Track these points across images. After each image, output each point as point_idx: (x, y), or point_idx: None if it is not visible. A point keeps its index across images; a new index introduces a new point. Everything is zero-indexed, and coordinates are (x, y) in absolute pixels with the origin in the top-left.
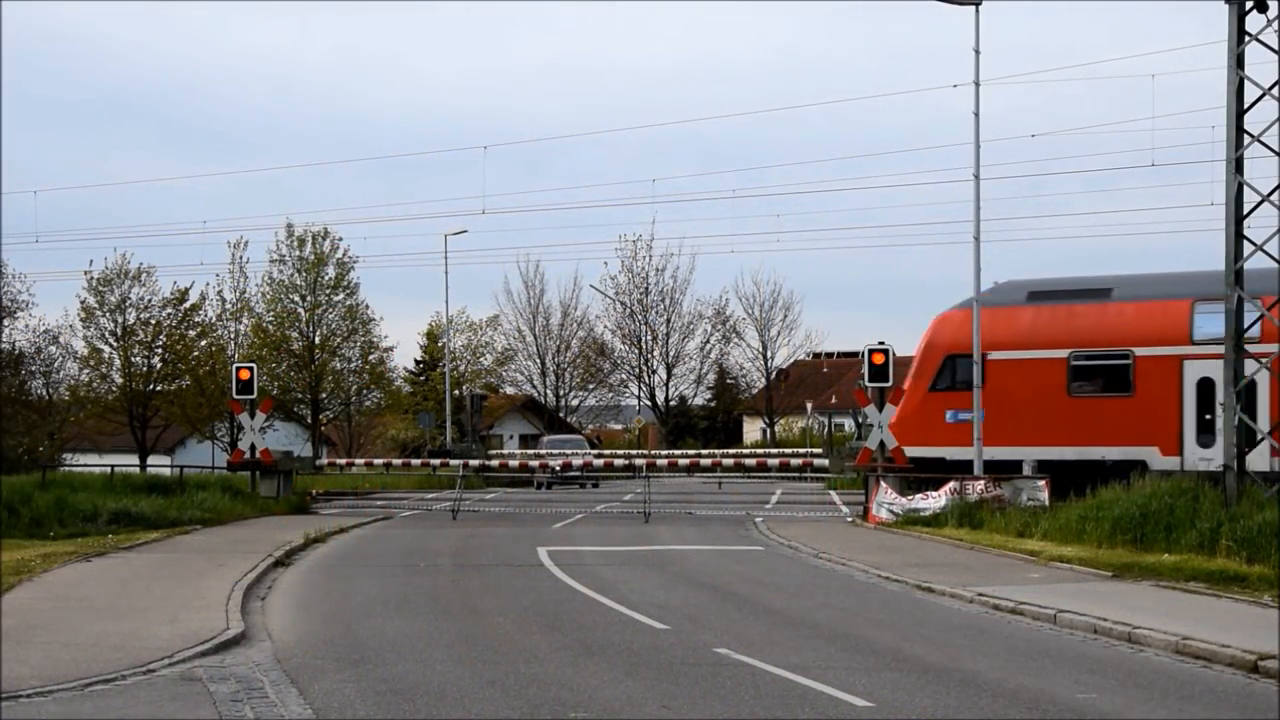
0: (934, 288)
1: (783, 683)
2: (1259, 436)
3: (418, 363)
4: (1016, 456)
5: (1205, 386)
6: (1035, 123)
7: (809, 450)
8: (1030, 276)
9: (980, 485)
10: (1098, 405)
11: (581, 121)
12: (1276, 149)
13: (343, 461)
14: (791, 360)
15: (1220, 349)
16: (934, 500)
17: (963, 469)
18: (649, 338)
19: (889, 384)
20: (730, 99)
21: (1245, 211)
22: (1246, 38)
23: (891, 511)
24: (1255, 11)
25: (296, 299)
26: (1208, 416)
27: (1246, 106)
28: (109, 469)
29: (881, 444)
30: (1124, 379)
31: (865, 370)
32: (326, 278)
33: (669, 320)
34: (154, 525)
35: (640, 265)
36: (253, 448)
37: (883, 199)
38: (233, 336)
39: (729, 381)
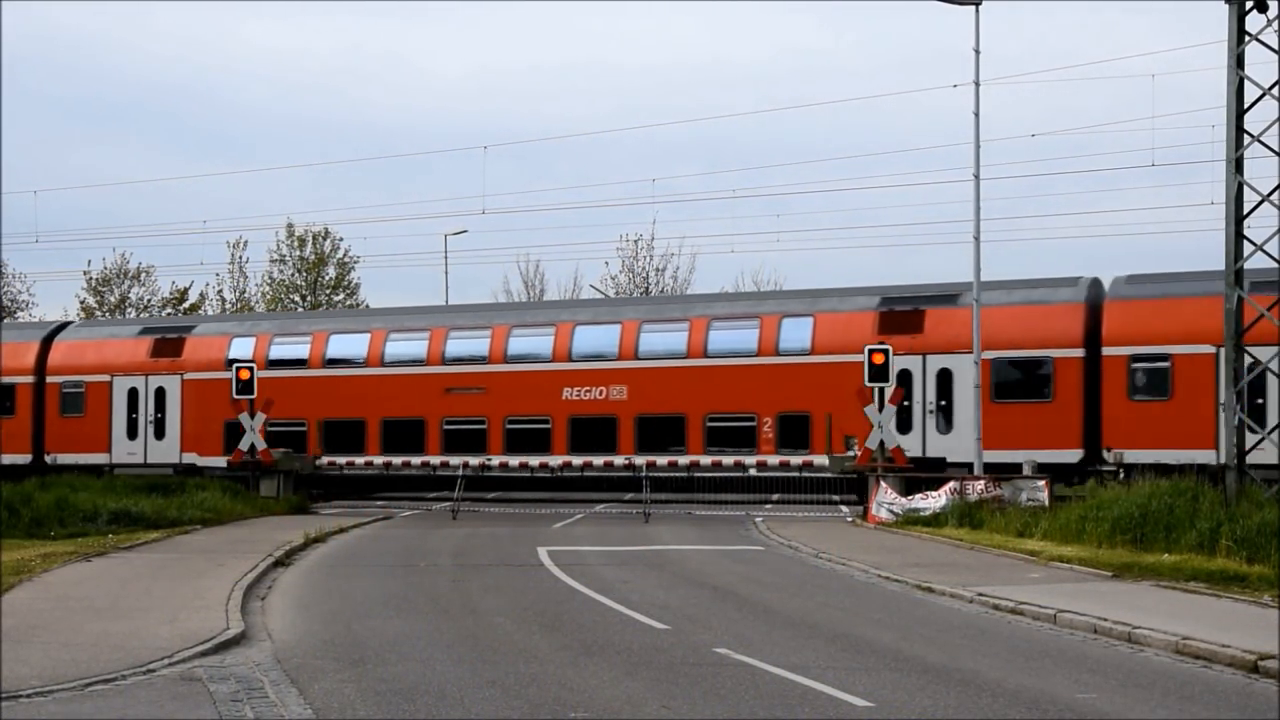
0: None
1: (783, 683)
2: None
3: None
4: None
5: None
6: (1035, 123)
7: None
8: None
9: (980, 485)
10: None
11: (581, 121)
12: (1276, 149)
13: (343, 461)
14: None
15: None
16: (934, 500)
17: None
18: None
19: (889, 384)
20: (730, 99)
21: (1245, 211)
22: (1246, 38)
23: (891, 511)
24: (1255, 11)
25: (297, 299)
26: None
27: (1246, 106)
28: (109, 468)
29: (881, 444)
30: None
31: (865, 370)
32: (327, 278)
33: None
34: (154, 525)
35: (641, 265)
36: (253, 448)
37: (883, 199)
38: None
39: None
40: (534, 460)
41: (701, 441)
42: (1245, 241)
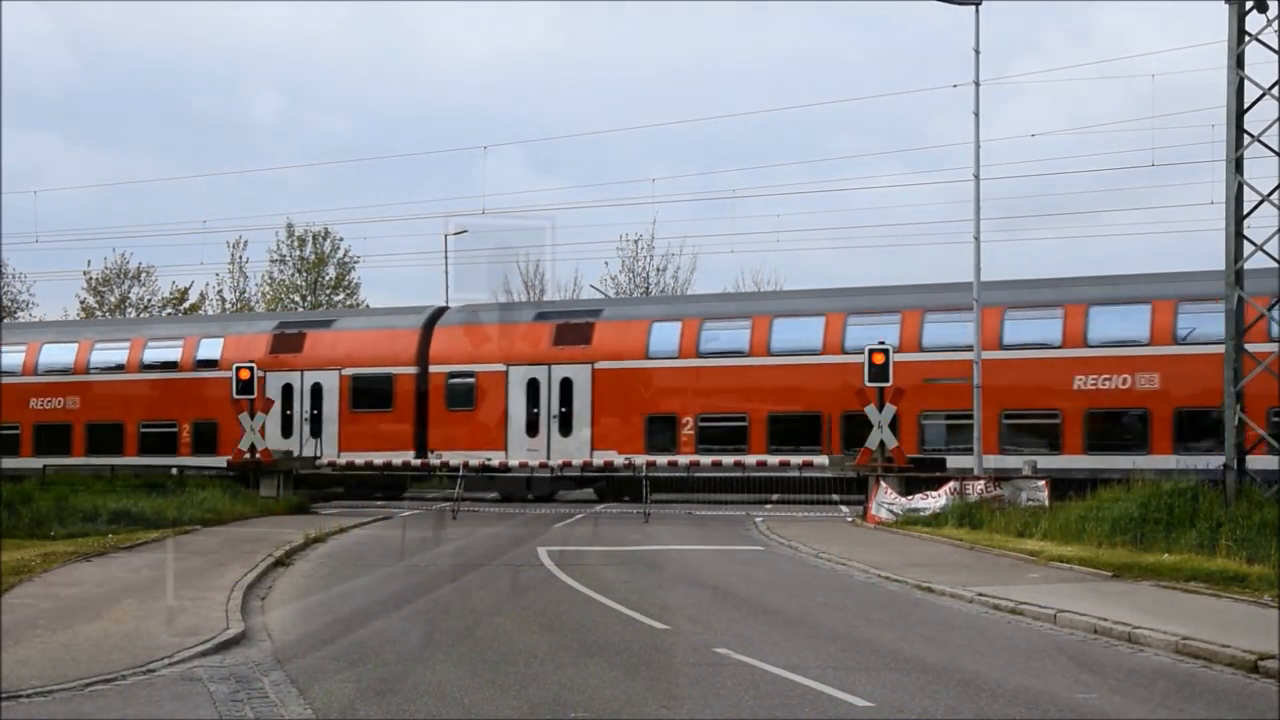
0: None
1: (783, 683)
2: None
3: None
4: None
5: None
6: (1035, 123)
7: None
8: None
9: (980, 485)
10: None
11: (582, 121)
12: (1276, 149)
13: (343, 461)
14: None
15: None
16: (934, 500)
17: None
18: None
19: (889, 384)
20: (731, 99)
21: (1245, 211)
22: (1246, 38)
23: (891, 511)
24: (1255, 11)
25: (297, 299)
26: None
27: (1246, 106)
28: (109, 468)
29: (881, 444)
30: None
31: (865, 370)
32: (327, 278)
33: None
34: (154, 525)
35: (641, 265)
36: (253, 448)
37: (883, 199)
38: None
39: None
40: (57, 461)
41: (135, 445)
42: (1245, 241)
